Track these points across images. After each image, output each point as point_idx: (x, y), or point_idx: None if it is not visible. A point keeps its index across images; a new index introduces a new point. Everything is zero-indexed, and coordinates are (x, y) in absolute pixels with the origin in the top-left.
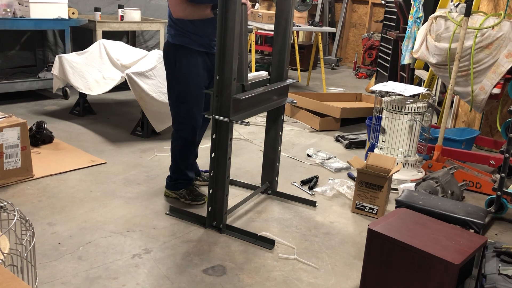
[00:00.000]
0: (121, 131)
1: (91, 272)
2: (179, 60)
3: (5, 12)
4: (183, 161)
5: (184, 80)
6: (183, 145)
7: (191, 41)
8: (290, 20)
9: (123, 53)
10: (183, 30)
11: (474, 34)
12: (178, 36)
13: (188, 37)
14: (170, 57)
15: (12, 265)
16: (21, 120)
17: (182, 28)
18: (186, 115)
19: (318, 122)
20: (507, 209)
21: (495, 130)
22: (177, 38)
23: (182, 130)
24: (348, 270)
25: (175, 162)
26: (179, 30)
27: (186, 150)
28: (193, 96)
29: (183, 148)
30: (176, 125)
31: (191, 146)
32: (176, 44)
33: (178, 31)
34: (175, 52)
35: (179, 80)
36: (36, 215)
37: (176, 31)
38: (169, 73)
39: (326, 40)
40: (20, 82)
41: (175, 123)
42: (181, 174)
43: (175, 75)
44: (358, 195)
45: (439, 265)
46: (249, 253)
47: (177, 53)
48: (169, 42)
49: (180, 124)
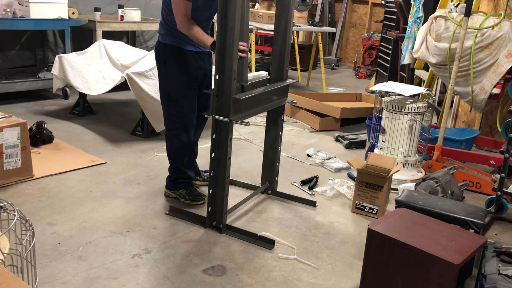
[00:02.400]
0: (121, 131)
1: (91, 272)
2: (170, 60)
3: (5, 12)
4: (179, 160)
5: (175, 79)
6: (178, 144)
7: (182, 41)
8: (290, 20)
9: (123, 53)
10: (173, 30)
11: (474, 34)
12: (168, 35)
13: (178, 37)
14: (161, 56)
15: (12, 265)
16: (21, 120)
17: (173, 28)
18: (178, 114)
19: (318, 122)
20: (507, 209)
21: (495, 130)
22: (167, 37)
23: (174, 129)
24: (348, 270)
25: (172, 162)
26: (169, 30)
27: (181, 149)
28: (185, 96)
29: (178, 147)
30: (168, 124)
31: (186, 144)
32: (167, 44)
33: (169, 31)
34: (166, 52)
35: (170, 79)
36: (36, 215)
37: (166, 30)
38: (160, 72)
39: (326, 40)
40: (20, 82)
41: (167, 122)
42: (180, 173)
43: (166, 75)
44: (358, 195)
45: (439, 265)
46: (249, 253)
47: (168, 53)
48: (160, 42)
49: (173, 123)
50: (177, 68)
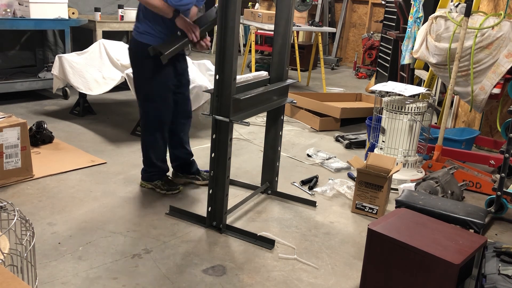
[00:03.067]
0: (121, 131)
1: (91, 272)
2: (147, 60)
3: (5, 12)
4: (153, 156)
5: (153, 80)
6: (153, 142)
7: (160, 40)
8: (290, 20)
9: (123, 53)
10: (152, 29)
11: (474, 34)
12: (146, 34)
13: (157, 37)
14: (138, 56)
15: (12, 265)
16: (21, 120)
17: (151, 27)
18: (154, 114)
19: (318, 122)
20: (507, 209)
21: (495, 130)
22: (145, 36)
23: (150, 127)
24: (348, 270)
25: (147, 156)
26: (148, 28)
27: (155, 146)
28: (161, 96)
29: (152, 145)
30: (144, 122)
31: (160, 143)
32: (144, 43)
33: (147, 30)
34: (143, 51)
35: (147, 79)
36: (36, 215)
37: (144, 28)
38: (136, 72)
39: (326, 40)
40: (20, 82)
41: (143, 120)
42: (154, 167)
43: (143, 75)
44: (358, 195)
45: (439, 265)
46: (249, 253)
47: (145, 53)
48: (137, 41)
49: (148, 121)
50: (155, 69)
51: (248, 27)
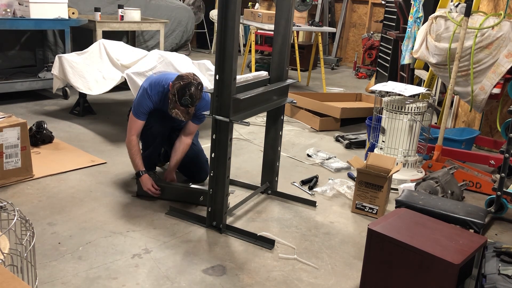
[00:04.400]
0: (121, 131)
1: (91, 272)
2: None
3: (5, 12)
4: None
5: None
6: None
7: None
8: (290, 20)
9: (123, 53)
10: (159, 100)
11: (474, 34)
12: (155, 93)
13: (164, 100)
14: (146, 96)
15: (12, 265)
16: (21, 120)
17: (160, 99)
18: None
19: (318, 122)
20: (507, 209)
21: (495, 130)
22: (154, 97)
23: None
24: (348, 270)
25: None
26: (158, 98)
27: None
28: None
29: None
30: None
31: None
32: (153, 100)
33: (156, 97)
34: (149, 101)
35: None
36: (36, 215)
37: (153, 91)
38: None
39: (326, 40)
40: (20, 82)
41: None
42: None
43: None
44: (358, 195)
45: (439, 265)
46: (249, 253)
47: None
48: (147, 91)
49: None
50: (151, 119)
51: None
